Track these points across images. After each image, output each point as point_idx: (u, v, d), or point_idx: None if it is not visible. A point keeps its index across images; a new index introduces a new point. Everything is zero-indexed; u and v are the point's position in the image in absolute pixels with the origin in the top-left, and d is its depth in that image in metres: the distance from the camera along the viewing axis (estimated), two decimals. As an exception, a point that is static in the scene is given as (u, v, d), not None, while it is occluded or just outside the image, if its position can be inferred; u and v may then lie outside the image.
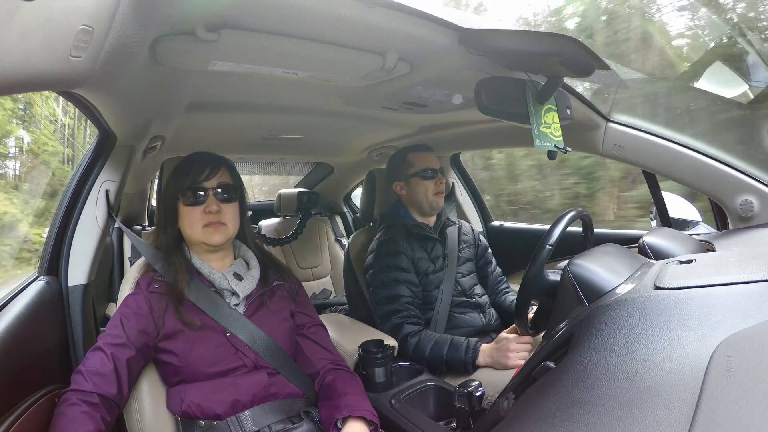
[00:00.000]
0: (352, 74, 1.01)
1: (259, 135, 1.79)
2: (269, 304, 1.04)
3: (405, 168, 1.59)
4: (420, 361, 1.35)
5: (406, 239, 1.53)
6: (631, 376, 0.47)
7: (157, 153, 1.44)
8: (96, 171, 1.05)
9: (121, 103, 0.85)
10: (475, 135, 1.83)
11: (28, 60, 0.47)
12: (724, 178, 1.28)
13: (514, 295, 1.63)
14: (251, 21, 0.76)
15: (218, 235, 1.00)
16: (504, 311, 1.61)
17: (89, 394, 0.84)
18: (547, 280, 0.97)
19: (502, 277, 1.72)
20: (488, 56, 0.97)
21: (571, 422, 0.44)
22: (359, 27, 0.79)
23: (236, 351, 0.96)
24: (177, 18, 0.72)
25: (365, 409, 0.93)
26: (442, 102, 1.34)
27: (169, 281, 0.98)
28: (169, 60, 0.82)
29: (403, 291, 1.45)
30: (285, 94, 1.29)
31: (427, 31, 0.85)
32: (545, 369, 0.60)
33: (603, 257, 0.82)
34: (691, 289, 0.59)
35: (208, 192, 1.00)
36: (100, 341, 0.91)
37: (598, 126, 1.42)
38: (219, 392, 0.93)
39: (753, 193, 1.25)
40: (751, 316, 0.49)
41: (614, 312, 0.60)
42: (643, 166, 1.44)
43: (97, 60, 0.60)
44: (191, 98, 1.19)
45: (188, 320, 0.95)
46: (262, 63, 0.91)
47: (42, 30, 0.46)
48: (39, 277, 1.00)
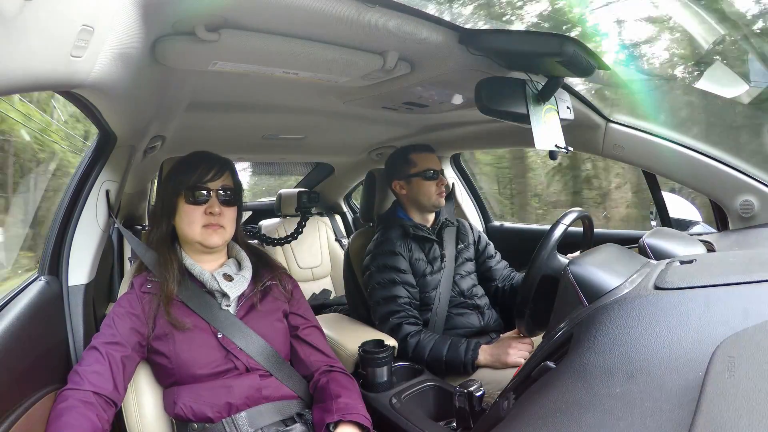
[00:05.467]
0: (352, 74, 1.01)
1: (259, 135, 1.79)
2: (262, 304, 1.03)
3: (406, 167, 1.59)
4: (419, 361, 1.35)
5: (404, 240, 1.53)
6: (631, 376, 0.47)
7: (157, 153, 1.44)
8: (96, 171, 1.05)
9: (122, 103, 0.85)
10: (475, 135, 1.83)
11: (28, 60, 0.47)
12: (724, 178, 1.28)
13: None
14: (251, 21, 0.76)
15: (216, 237, 1.00)
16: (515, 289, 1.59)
17: (85, 392, 0.84)
18: (559, 260, 0.97)
19: (509, 266, 1.71)
20: (488, 56, 0.97)
21: (571, 422, 0.44)
22: (359, 27, 0.79)
23: (227, 353, 0.96)
24: (177, 18, 0.72)
25: (357, 413, 0.92)
26: (442, 102, 1.34)
27: (161, 281, 0.98)
28: (169, 60, 0.82)
29: (400, 292, 1.45)
30: (285, 94, 1.29)
31: (427, 31, 0.85)
32: (545, 369, 0.60)
33: (603, 257, 0.82)
34: (692, 289, 0.59)
35: (212, 193, 1.00)
36: (95, 341, 0.91)
37: (598, 126, 1.42)
38: (211, 395, 0.93)
39: (753, 193, 1.25)
40: (751, 316, 0.49)
41: (614, 312, 0.60)
42: (643, 166, 1.44)
43: (98, 60, 0.60)
44: (191, 98, 1.19)
45: (178, 322, 0.95)
46: (262, 63, 0.91)
47: (42, 30, 0.46)
48: (39, 277, 1.00)
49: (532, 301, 1.04)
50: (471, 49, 0.93)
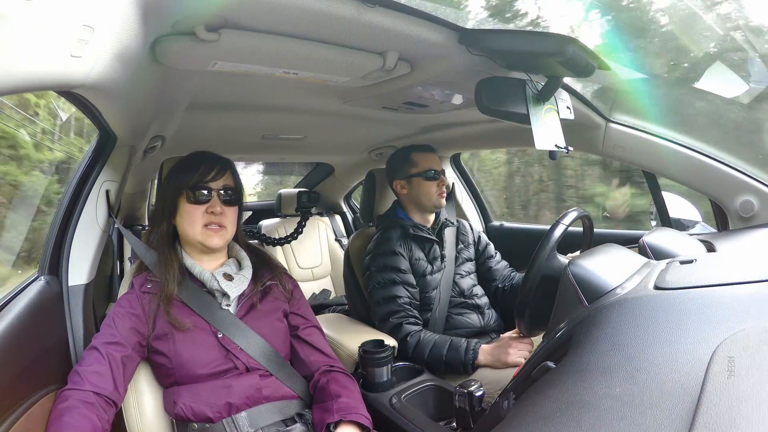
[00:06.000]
0: (352, 74, 1.01)
1: (259, 135, 1.79)
2: (262, 304, 1.03)
3: (407, 167, 1.59)
4: (419, 361, 1.35)
5: (404, 240, 1.53)
6: (631, 376, 0.47)
7: (157, 153, 1.44)
8: (96, 171, 1.05)
9: (122, 103, 0.85)
10: (475, 135, 1.83)
11: (28, 60, 0.47)
12: (724, 178, 1.28)
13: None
14: (251, 21, 0.76)
15: (217, 238, 1.00)
16: (516, 288, 1.59)
17: (86, 393, 0.84)
18: (559, 260, 0.97)
19: (509, 266, 1.71)
20: (488, 56, 0.97)
21: (571, 422, 0.44)
22: (359, 27, 0.79)
23: (227, 353, 0.96)
24: (177, 18, 0.72)
25: (357, 413, 0.92)
26: (442, 102, 1.34)
27: (161, 281, 0.98)
28: (169, 60, 0.82)
29: (400, 292, 1.45)
30: (285, 94, 1.29)
31: (427, 31, 0.85)
32: (545, 369, 0.60)
33: (603, 257, 0.82)
34: (692, 289, 0.59)
35: (213, 192, 1.00)
36: (95, 341, 0.92)
37: (598, 126, 1.42)
38: (211, 395, 0.93)
39: (753, 193, 1.25)
40: (751, 316, 0.49)
41: (614, 312, 0.60)
42: (643, 166, 1.44)
43: (98, 60, 0.60)
44: (191, 98, 1.19)
45: (178, 322, 0.95)
46: (263, 63, 0.91)
47: (42, 30, 0.46)
48: (39, 276, 1.00)
49: (532, 301, 1.04)
50: (471, 49, 0.93)
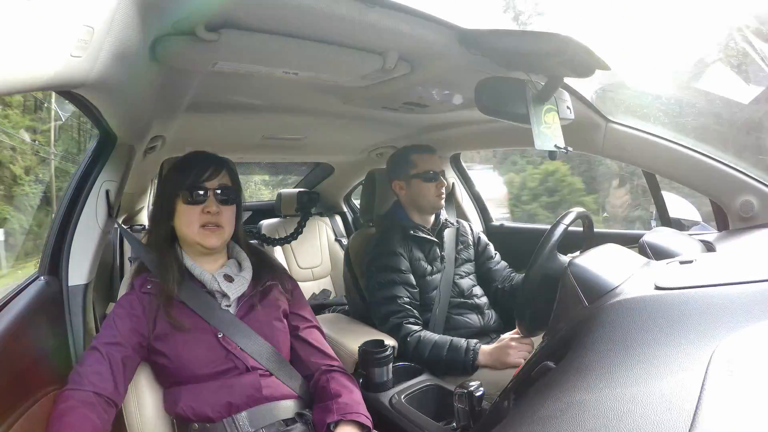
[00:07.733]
0: (352, 74, 1.01)
1: (259, 135, 1.79)
2: (262, 304, 1.03)
3: (407, 168, 1.59)
4: (419, 361, 1.35)
5: (404, 241, 1.53)
6: (631, 376, 0.47)
7: (157, 153, 1.44)
8: (96, 171, 1.05)
9: (122, 103, 0.85)
10: (475, 135, 1.83)
11: (28, 60, 0.47)
12: (724, 178, 1.28)
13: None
14: (251, 21, 0.76)
15: (214, 238, 1.00)
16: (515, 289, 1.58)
17: (86, 393, 0.84)
18: (559, 260, 0.97)
19: (508, 267, 1.70)
20: (488, 56, 0.97)
21: (571, 422, 0.44)
22: (359, 27, 0.79)
23: (228, 353, 0.96)
24: (177, 18, 0.72)
25: (358, 412, 0.92)
26: (442, 102, 1.34)
27: (161, 282, 0.98)
28: (169, 60, 0.82)
29: (400, 292, 1.44)
30: (285, 95, 1.29)
31: (427, 31, 0.85)
32: (545, 369, 0.60)
33: (603, 257, 0.82)
34: (691, 289, 0.59)
35: (209, 192, 1.00)
36: (95, 341, 0.91)
37: (598, 126, 1.42)
38: (212, 395, 0.92)
39: (753, 193, 1.25)
40: (751, 316, 0.49)
41: (614, 312, 0.60)
42: (643, 166, 1.44)
43: (98, 60, 0.60)
44: (191, 98, 1.19)
45: (178, 322, 0.95)
46: (263, 63, 0.91)
47: (42, 30, 0.46)
48: (39, 277, 1.00)
49: (533, 302, 1.04)
50: (471, 49, 0.93)
